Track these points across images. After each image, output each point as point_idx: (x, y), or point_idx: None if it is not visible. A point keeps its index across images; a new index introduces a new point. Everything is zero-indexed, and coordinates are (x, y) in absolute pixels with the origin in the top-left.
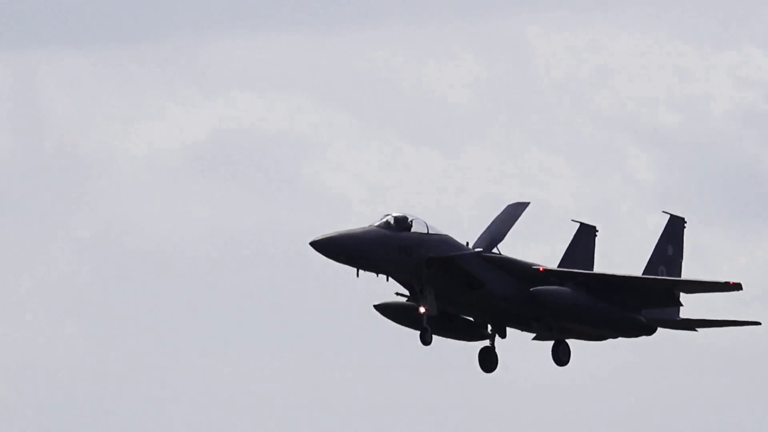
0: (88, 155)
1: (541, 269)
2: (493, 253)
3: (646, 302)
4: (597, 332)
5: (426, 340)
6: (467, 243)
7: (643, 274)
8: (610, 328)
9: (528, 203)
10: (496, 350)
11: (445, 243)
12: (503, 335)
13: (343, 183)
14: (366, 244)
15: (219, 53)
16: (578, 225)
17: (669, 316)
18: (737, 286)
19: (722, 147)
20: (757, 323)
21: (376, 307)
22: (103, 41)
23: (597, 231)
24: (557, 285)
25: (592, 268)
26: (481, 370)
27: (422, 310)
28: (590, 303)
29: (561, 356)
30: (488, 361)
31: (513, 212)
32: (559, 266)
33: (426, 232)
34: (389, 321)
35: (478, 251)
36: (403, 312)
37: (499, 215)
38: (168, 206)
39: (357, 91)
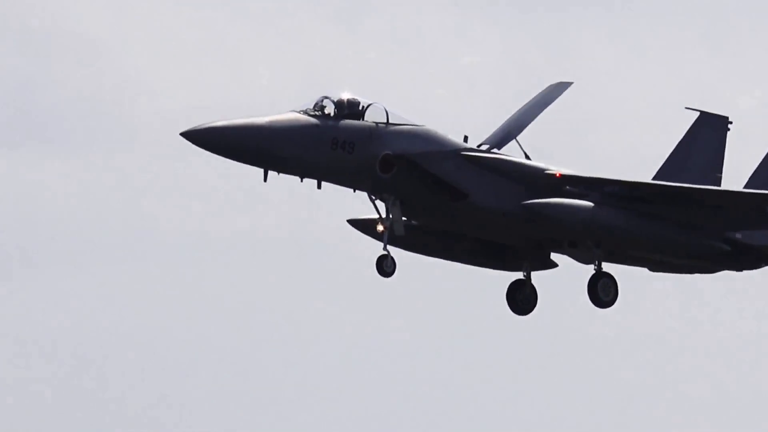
0: None
1: (557, 174)
2: (489, 151)
3: (724, 222)
4: (659, 258)
5: (384, 270)
6: (465, 138)
7: (746, 185)
8: (673, 255)
9: (570, 83)
10: (534, 284)
11: (412, 136)
12: (543, 264)
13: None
14: (271, 137)
15: None
16: (697, 115)
17: None
18: None
19: None
20: None
21: (351, 222)
22: None
23: (730, 123)
24: (576, 196)
25: (719, 173)
26: (510, 311)
27: (380, 228)
28: (624, 221)
29: (600, 293)
30: (520, 298)
31: (547, 96)
32: (657, 176)
33: (385, 121)
34: (375, 240)
35: (460, 148)
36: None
37: (531, 100)
38: None
39: None
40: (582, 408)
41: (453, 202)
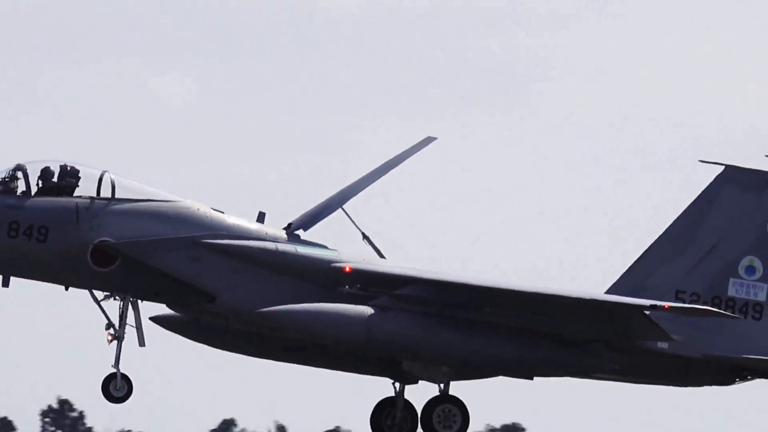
0: None
1: (347, 269)
2: (291, 232)
3: (585, 330)
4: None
5: (111, 394)
6: (260, 216)
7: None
8: (520, 374)
9: (434, 138)
10: (406, 402)
11: (141, 217)
12: (409, 379)
13: None
14: None
15: None
16: (722, 168)
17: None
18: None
19: None
20: None
21: (153, 319)
22: None
23: None
24: (360, 298)
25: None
26: None
27: (108, 338)
28: (416, 332)
29: (436, 425)
30: (388, 424)
31: (401, 155)
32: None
33: (108, 196)
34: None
35: (195, 236)
36: (187, 325)
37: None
38: None
39: None
40: None
41: (205, 303)
